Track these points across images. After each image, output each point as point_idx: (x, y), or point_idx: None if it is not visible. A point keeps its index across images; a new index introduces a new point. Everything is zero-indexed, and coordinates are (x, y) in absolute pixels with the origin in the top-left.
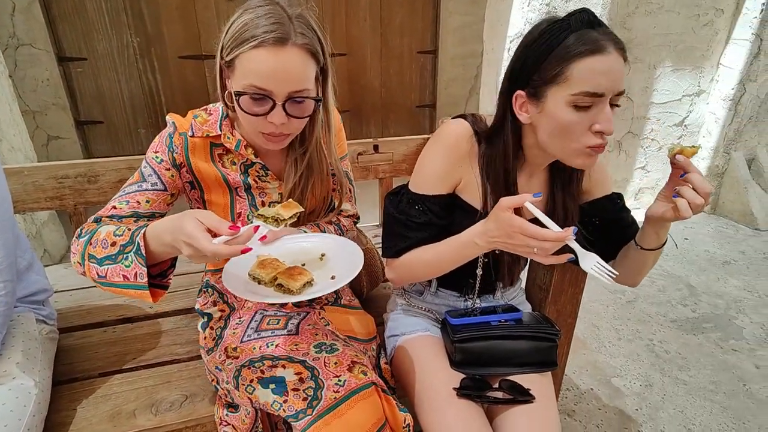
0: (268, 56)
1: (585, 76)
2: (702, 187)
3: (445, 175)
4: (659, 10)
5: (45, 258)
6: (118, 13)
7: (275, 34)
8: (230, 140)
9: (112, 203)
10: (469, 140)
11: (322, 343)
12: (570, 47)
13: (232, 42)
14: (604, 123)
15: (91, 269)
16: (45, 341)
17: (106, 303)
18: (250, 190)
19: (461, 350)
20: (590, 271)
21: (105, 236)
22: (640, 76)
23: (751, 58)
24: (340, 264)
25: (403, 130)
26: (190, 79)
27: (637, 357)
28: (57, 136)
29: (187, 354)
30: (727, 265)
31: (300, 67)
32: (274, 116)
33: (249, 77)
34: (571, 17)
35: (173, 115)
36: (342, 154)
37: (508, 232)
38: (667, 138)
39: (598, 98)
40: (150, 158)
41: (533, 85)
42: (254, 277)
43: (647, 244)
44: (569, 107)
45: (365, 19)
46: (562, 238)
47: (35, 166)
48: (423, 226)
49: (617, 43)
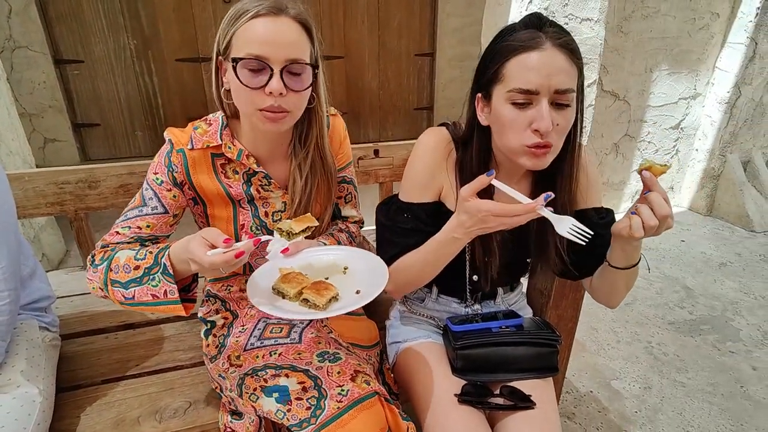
0: (264, 24)
1: (517, 72)
2: (660, 209)
3: (427, 183)
4: (655, 14)
5: (44, 263)
6: (115, 16)
7: (269, 4)
8: (231, 150)
9: (115, 228)
10: (446, 147)
11: (325, 352)
12: (507, 45)
13: (226, 26)
14: (539, 121)
15: (116, 293)
16: (48, 348)
17: (107, 309)
18: (254, 201)
19: (463, 357)
20: (566, 235)
21: (126, 261)
22: (636, 79)
23: (746, 61)
24: (363, 278)
25: (401, 132)
26: (187, 81)
27: (635, 359)
28: (54, 139)
29: (190, 360)
30: (723, 267)
31: (295, 35)
32: (272, 84)
33: (246, 47)
34: (520, 20)
35: (171, 131)
36: (347, 161)
37: (479, 218)
38: (663, 141)
39: (533, 95)
40: (151, 180)
41: (484, 86)
42: (278, 291)
43: (615, 262)
44: (507, 104)
45: (363, 21)
46: (531, 208)
47: (36, 172)
48: (410, 232)
49: (558, 40)
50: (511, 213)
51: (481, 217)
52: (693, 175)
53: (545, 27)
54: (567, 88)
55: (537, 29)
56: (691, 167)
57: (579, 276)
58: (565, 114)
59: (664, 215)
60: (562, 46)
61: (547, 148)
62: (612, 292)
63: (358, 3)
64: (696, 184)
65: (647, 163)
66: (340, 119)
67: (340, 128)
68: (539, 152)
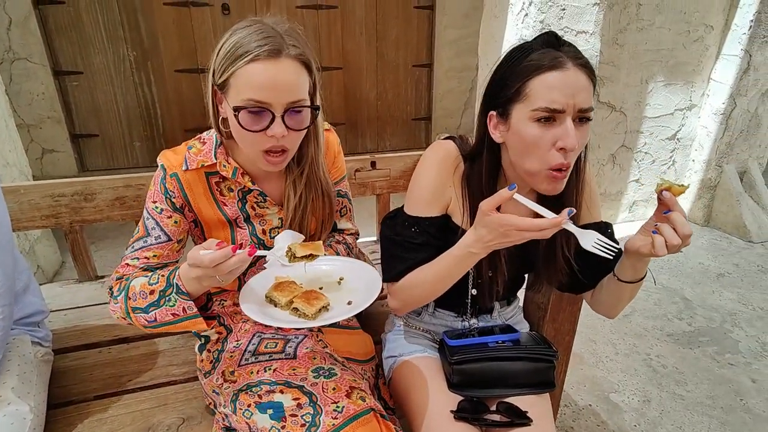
0: (264, 68)
1: (542, 91)
2: (682, 229)
3: (436, 196)
4: (650, 27)
5: (38, 274)
6: (115, 28)
7: (269, 47)
8: (226, 168)
9: (125, 260)
10: (454, 161)
11: (321, 368)
12: (529, 65)
13: (224, 62)
14: (566, 139)
15: (139, 319)
16: (40, 364)
17: (101, 323)
18: (250, 219)
19: (459, 372)
20: (591, 249)
21: (141, 288)
22: (632, 91)
23: (740, 73)
24: (357, 289)
25: (399, 142)
26: (185, 91)
27: (634, 372)
28: (52, 150)
29: (184, 375)
30: (721, 278)
31: (295, 77)
32: (274, 128)
33: (246, 92)
34: (536, 39)
35: (164, 155)
36: (341, 175)
37: (501, 233)
38: (660, 151)
39: (558, 114)
40: (150, 209)
41: (501, 104)
42: (271, 299)
43: (623, 276)
44: (532, 122)
45: (361, 33)
46: (558, 223)
47: (31, 185)
48: (421, 246)
49: (578, 60)
50: (537, 228)
51: (503, 231)
52: (690, 185)
53: (564, 47)
54: (589, 106)
55: (555, 48)
56: (688, 178)
57: (580, 290)
58: (585, 131)
59: (686, 234)
60: (583, 66)
61: (567, 170)
62: (615, 305)
63: (356, 15)
64: (693, 194)
65: (666, 184)
66: (334, 134)
67: (333, 143)
68: (559, 176)
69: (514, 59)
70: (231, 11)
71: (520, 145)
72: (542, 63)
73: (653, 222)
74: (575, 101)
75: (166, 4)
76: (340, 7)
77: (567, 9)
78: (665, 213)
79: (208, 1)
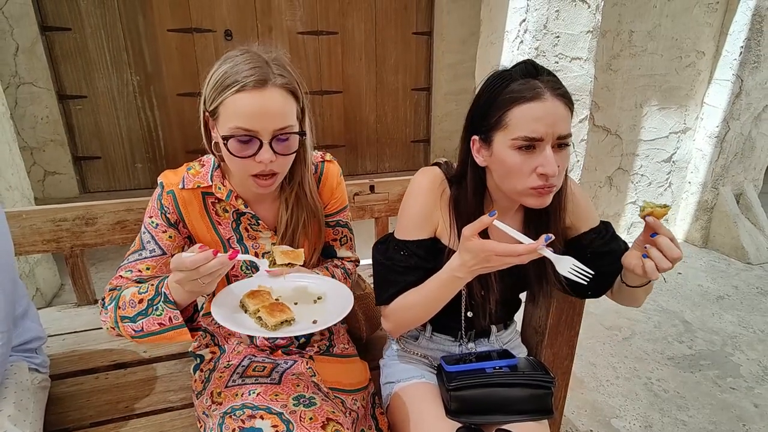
0: (251, 98)
1: (522, 121)
2: (670, 253)
3: (423, 220)
4: (643, 53)
5: (37, 297)
6: (119, 53)
7: (255, 77)
8: (221, 190)
9: (119, 272)
10: (440, 185)
11: (302, 396)
12: (508, 95)
13: (213, 91)
14: (546, 166)
15: (126, 328)
16: (37, 391)
17: (99, 348)
18: (243, 240)
19: (456, 398)
20: (567, 275)
21: (131, 297)
22: (627, 114)
23: (733, 97)
24: (328, 311)
25: (398, 164)
26: (187, 114)
27: (635, 396)
28: (54, 172)
29: (181, 401)
30: (721, 300)
31: (281, 105)
32: (262, 155)
33: (234, 120)
34: (515, 67)
35: (164, 174)
36: (342, 205)
37: (483, 257)
38: (656, 174)
39: (538, 142)
40: (147, 223)
41: (483, 130)
42: (242, 304)
43: (631, 282)
44: (513, 150)
45: (360, 58)
46: (533, 248)
47: (34, 210)
48: (409, 269)
49: (556, 90)
50: (514, 253)
51: (484, 256)
52: (687, 207)
53: (542, 76)
54: (567, 133)
55: (533, 77)
56: (685, 200)
57: (597, 295)
58: (564, 155)
59: (675, 258)
60: (561, 95)
61: (550, 188)
62: (632, 302)
63: (355, 41)
64: (690, 216)
65: (648, 207)
66: (335, 165)
67: (335, 174)
68: (544, 191)
69: (495, 88)
70: (233, 37)
71: (502, 169)
72: (522, 94)
73: (642, 243)
74: (554, 130)
75: (170, 30)
76: (340, 33)
77: (561, 36)
78: (652, 236)
79: (211, 28)
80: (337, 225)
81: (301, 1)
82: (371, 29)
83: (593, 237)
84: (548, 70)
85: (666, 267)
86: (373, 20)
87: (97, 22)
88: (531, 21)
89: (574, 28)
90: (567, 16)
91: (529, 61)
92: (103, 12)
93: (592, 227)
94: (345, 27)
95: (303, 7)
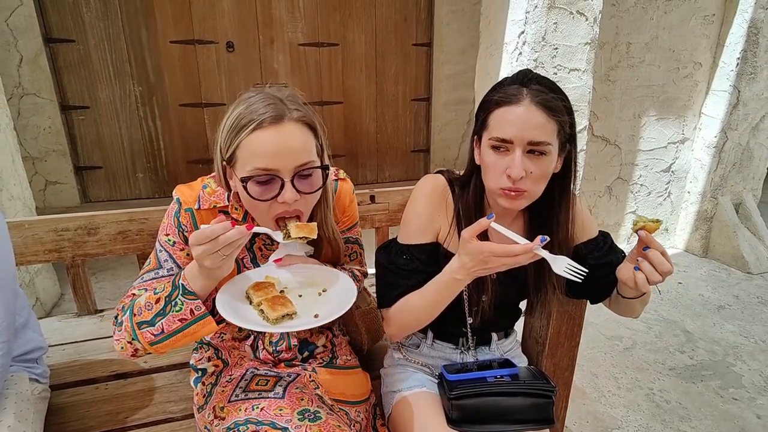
0: (268, 135)
1: (496, 123)
2: (660, 266)
3: (426, 225)
4: (640, 64)
5: (37, 307)
6: (122, 64)
7: (271, 114)
8: (238, 211)
9: (132, 290)
10: (443, 191)
11: (306, 410)
12: (494, 98)
13: (229, 135)
14: (512, 168)
15: (145, 335)
16: (37, 401)
17: (99, 358)
18: (256, 260)
19: (458, 407)
20: (563, 274)
21: (146, 300)
22: (626, 125)
23: (730, 108)
24: (331, 303)
25: (398, 174)
26: (189, 125)
27: (637, 407)
28: (55, 182)
29: (181, 412)
30: (722, 310)
31: (300, 140)
32: (285, 195)
33: (252, 161)
34: (512, 75)
35: (179, 189)
36: (353, 222)
37: (481, 259)
38: (655, 183)
39: (508, 144)
40: (163, 241)
41: (477, 130)
42: (247, 295)
43: (626, 294)
44: (489, 150)
45: (361, 69)
46: (530, 248)
47: (36, 220)
48: (411, 273)
49: (538, 98)
50: (511, 253)
51: (482, 258)
52: (687, 217)
53: (530, 84)
54: (541, 140)
55: (522, 85)
56: (684, 209)
57: (595, 301)
58: (540, 163)
59: (665, 272)
60: (540, 104)
61: (520, 192)
62: (629, 313)
63: (356, 52)
64: (690, 225)
65: (640, 222)
66: (348, 184)
67: (348, 191)
68: (512, 195)
69: (490, 91)
70: (235, 48)
71: (483, 168)
72: (504, 98)
73: (635, 255)
74: (524, 135)
75: (173, 42)
76: (341, 45)
77: (559, 48)
78: (644, 250)
79: (213, 39)
80: (347, 242)
81: (302, 13)
82: (371, 41)
83: (592, 247)
84: (545, 81)
85: (656, 280)
86: (374, 32)
87: (100, 34)
88: (530, 33)
89: (572, 40)
90: (565, 28)
91: (524, 70)
92: (107, 24)
93: (590, 238)
94: (346, 39)
95: (304, 19)
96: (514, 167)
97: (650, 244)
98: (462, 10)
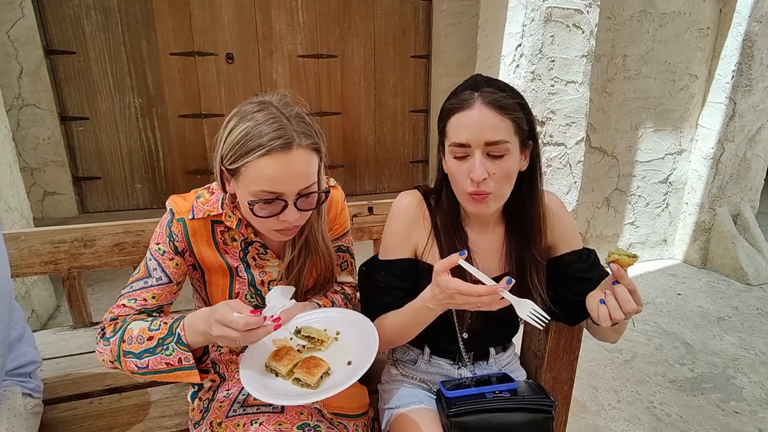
0: (277, 162)
1: (453, 129)
2: (625, 304)
3: (402, 241)
4: (637, 76)
5: (33, 319)
6: (122, 76)
7: (281, 141)
8: (231, 219)
9: (121, 300)
10: (418, 206)
11: (306, 424)
12: (448, 107)
13: (235, 151)
14: (473, 171)
15: (129, 364)
16: (30, 417)
17: (93, 371)
18: (250, 269)
19: (456, 424)
20: (526, 318)
21: (139, 332)
22: (623, 136)
23: (727, 119)
24: (355, 344)
25: (396, 184)
26: (188, 136)
27: (638, 421)
28: (54, 192)
29: (176, 427)
30: (721, 322)
31: (306, 166)
32: (287, 215)
33: (259, 184)
34: (461, 84)
35: (173, 200)
36: (344, 231)
37: (448, 294)
38: (653, 194)
39: (467, 148)
40: (153, 250)
41: (440, 141)
42: (271, 368)
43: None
44: (451, 157)
45: (360, 81)
46: (493, 291)
47: (32, 231)
48: (386, 290)
49: (488, 99)
50: (475, 293)
51: (448, 293)
52: (685, 228)
53: (482, 87)
54: (497, 140)
55: (473, 90)
56: (682, 220)
57: (573, 323)
58: (501, 163)
59: (630, 311)
60: (491, 104)
61: (485, 194)
62: (604, 338)
63: (355, 64)
64: (688, 236)
65: (615, 254)
66: (338, 191)
67: (338, 199)
68: (479, 198)
69: (445, 101)
70: (235, 60)
71: (450, 176)
72: (456, 105)
73: (605, 284)
74: (479, 137)
75: (173, 54)
76: (339, 56)
77: (556, 61)
78: (614, 284)
79: (213, 51)
80: (338, 250)
81: (301, 26)
82: (370, 53)
83: (574, 259)
84: (496, 82)
85: (619, 317)
86: (372, 44)
87: (101, 46)
88: (527, 46)
89: (569, 53)
90: (562, 41)
91: (475, 75)
92: (108, 36)
93: (573, 249)
94: (345, 51)
95: (303, 32)
96: (475, 169)
97: (620, 280)
98: (460, 24)
